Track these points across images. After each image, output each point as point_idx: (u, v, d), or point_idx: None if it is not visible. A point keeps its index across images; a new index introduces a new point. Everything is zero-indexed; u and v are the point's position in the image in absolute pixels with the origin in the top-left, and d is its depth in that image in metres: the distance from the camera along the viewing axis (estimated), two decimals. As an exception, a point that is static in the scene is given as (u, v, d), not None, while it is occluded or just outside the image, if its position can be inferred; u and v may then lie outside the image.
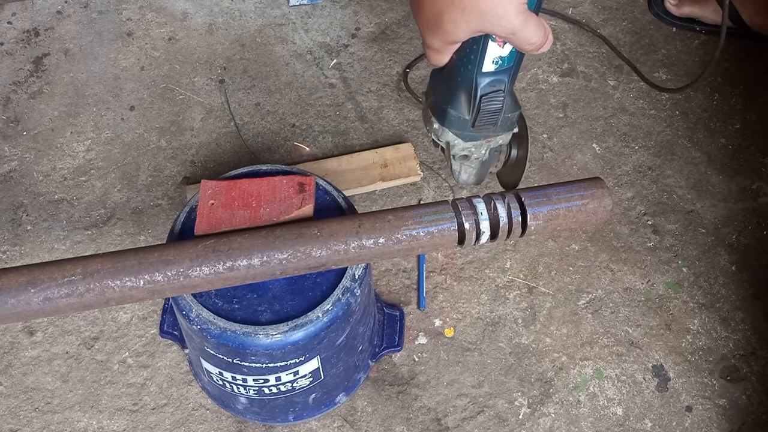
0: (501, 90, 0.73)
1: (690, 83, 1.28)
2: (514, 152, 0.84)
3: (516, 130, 0.82)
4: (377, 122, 1.52)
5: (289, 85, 1.57)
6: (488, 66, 0.70)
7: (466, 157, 0.80)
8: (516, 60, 0.72)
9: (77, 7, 1.66)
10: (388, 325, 1.26)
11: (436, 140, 0.80)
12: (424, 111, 0.82)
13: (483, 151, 0.79)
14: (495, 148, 0.81)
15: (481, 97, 0.72)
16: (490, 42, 0.68)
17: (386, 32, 1.65)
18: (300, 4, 1.68)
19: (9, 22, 1.64)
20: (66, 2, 1.67)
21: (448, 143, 0.79)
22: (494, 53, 0.69)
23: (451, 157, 0.81)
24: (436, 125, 0.78)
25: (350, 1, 1.69)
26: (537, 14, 0.67)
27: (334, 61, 1.57)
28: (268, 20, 1.66)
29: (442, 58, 0.72)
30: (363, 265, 0.98)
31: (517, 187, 0.86)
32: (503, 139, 0.80)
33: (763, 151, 1.51)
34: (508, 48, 0.70)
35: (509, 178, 0.89)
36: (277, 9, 1.68)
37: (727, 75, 1.59)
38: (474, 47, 0.69)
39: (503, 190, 0.89)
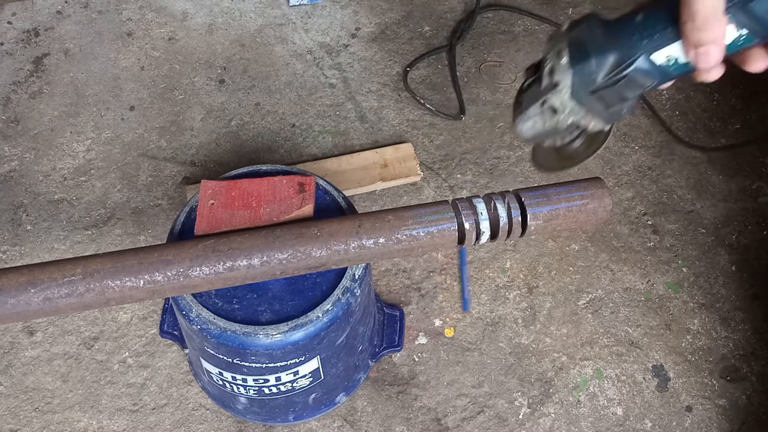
0: (644, 86, 0.66)
1: (721, 147, 1.27)
2: (577, 143, 0.76)
3: (608, 128, 0.74)
4: (377, 122, 1.52)
5: (289, 85, 1.57)
6: (660, 57, 0.63)
7: (555, 111, 0.71)
8: (681, 72, 0.66)
9: (77, 7, 1.66)
10: (388, 325, 1.26)
11: (545, 78, 0.71)
12: (556, 39, 0.71)
13: (571, 119, 0.71)
14: (577, 126, 0.73)
15: (625, 76, 0.65)
16: (679, 41, 0.62)
17: (386, 32, 1.65)
18: (300, 4, 1.68)
19: (9, 22, 1.64)
20: (66, 2, 1.67)
21: (556, 84, 0.69)
22: (674, 52, 0.63)
23: (542, 100, 0.72)
24: (564, 60, 0.68)
25: (350, 1, 1.69)
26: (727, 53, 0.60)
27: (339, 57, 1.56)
28: (268, 20, 1.66)
29: None
30: (363, 265, 0.98)
31: (519, 188, 0.84)
32: (594, 126, 0.72)
33: (763, 151, 1.51)
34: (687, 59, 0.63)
35: (545, 162, 0.81)
36: (277, 9, 1.68)
37: (727, 75, 1.59)
38: (665, 30, 0.62)
39: (504, 190, 0.88)
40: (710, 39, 0.58)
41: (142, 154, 1.47)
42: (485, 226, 0.83)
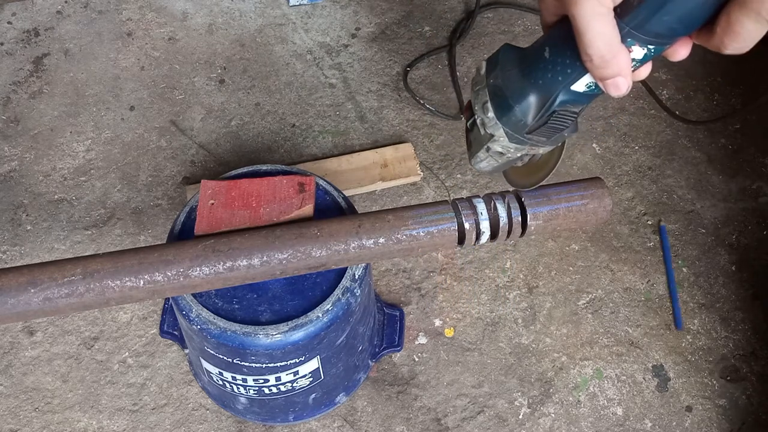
0: (576, 112, 0.66)
1: (721, 117, 1.27)
2: (539, 155, 0.77)
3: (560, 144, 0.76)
4: (377, 122, 1.52)
5: (289, 85, 1.57)
6: (579, 86, 0.63)
7: (501, 153, 0.73)
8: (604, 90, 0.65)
9: (77, 7, 1.66)
10: (388, 325, 1.26)
11: (480, 127, 0.72)
12: (478, 87, 0.71)
13: (519, 155, 0.73)
14: (529, 154, 0.75)
15: (553, 112, 0.65)
16: None
17: (386, 32, 1.65)
18: (300, 4, 1.68)
19: (9, 22, 1.64)
20: (66, 2, 1.67)
21: (491, 135, 0.71)
22: (591, 78, 0.62)
23: (485, 147, 0.73)
24: (490, 114, 0.69)
25: (350, 1, 1.69)
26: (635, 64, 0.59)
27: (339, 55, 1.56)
28: (268, 20, 1.66)
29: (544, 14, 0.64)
30: (363, 265, 0.98)
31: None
32: (545, 150, 0.74)
33: (763, 151, 1.51)
34: None
35: (520, 180, 0.84)
36: (277, 9, 1.68)
37: (727, 75, 1.60)
38: (575, 63, 0.61)
39: (504, 190, 0.87)
40: (613, 73, 0.58)
41: (142, 153, 1.47)
42: (485, 226, 0.83)
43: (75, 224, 1.39)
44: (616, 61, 0.57)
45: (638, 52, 0.58)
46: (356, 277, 0.96)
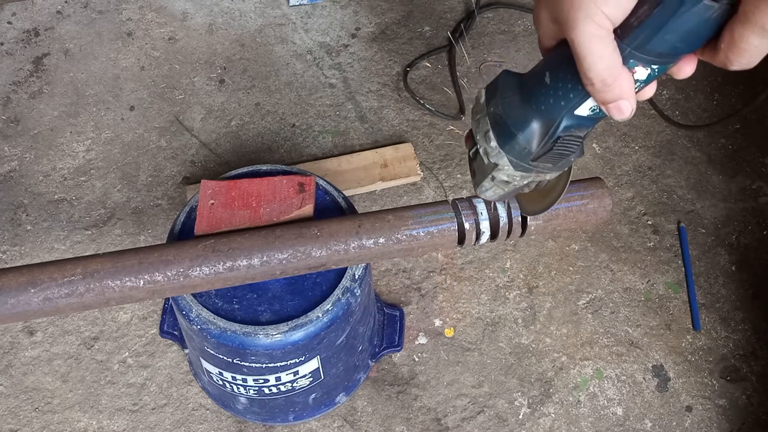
0: (581, 136, 0.64)
1: (714, 122, 1.27)
2: (547, 178, 0.74)
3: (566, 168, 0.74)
4: (377, 122, 1.52)
5: (289, 85, 1.57)
6: (583, 110, 0.61)
7: (506, 182, 0.71)
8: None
9: (77, 7, 1.66)
10: (388, 325, 1.26)
11: (483, 156, 0.70)
12: (479, 115, 0.70)
13: (525, 183, 0.71)
14: (535, 181, 0.74)
15: (558, 138, 0.63)
16: None
17: (386, 32, 1.65)
18: (300, 4, 1.68)
19: (9, 22, 1.64)
20: (66, 2, 1.67)
21: (495, 165, 0.69)
22: (594, 102, 0.61)
23: (490, 177, 0.72)
24: (493, 143, 0.68)
25: (350, 1, 1.69)
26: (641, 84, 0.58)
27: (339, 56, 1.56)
28: (268, 20, 1.66)
29: (541, 39, 0.62)
30: (363, 265, 0.98)
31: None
32: (551, 176, 0.72)
33: (763, 151, 1.51)
34: None
35: (531, 207, 0.81)
36: (277, 9, 1.68)
37: (727, 75, 1.59)
38: (576, 88, 0.60)
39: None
40: (615, 97, 0.57)
41: (142, 153, 1.47)
42: (485, 226, 0.83)
43: (75, 224, 1.39)
44: (617, 84, 0.55)
45: (642, 72, 0.57)
46: (356, 277, 0.96)
